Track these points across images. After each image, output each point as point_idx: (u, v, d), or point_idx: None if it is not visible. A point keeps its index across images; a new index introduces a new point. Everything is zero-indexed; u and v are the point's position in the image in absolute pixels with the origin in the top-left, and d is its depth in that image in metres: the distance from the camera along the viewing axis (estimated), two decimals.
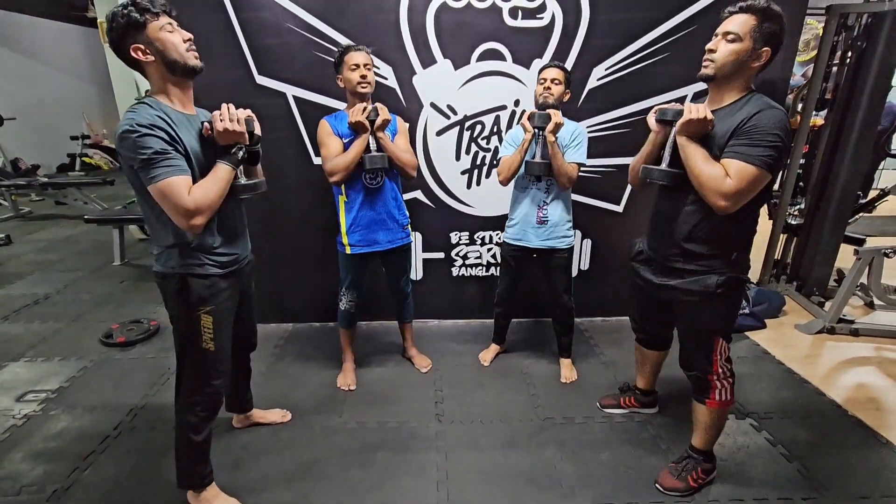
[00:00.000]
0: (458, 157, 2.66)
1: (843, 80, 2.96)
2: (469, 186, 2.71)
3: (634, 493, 1.71)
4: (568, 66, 2.49)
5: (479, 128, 2.61)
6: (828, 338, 2.81)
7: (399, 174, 2.14)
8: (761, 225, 3.13)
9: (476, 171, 2.69)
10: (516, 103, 2.56)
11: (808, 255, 3.22)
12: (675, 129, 1.47)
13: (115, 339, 2.71)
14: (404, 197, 2.59)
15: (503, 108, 2.57)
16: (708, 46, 1.44)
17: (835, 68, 3.00)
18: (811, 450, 1.92)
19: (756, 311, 2.94)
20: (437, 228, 2.79)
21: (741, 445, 1.94)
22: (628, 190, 2.73)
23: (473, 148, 2.65)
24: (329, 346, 2.60)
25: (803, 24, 2.60)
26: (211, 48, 2.40)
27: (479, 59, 2.48)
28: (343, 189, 2.08)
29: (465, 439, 1.99)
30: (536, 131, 2.04)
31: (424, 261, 2.85)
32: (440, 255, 2.85)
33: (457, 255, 2.85)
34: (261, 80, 2.45)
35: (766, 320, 2.96)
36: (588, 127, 2.61)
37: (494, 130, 2.62)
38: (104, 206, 5.25)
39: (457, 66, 2.49)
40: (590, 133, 2.61)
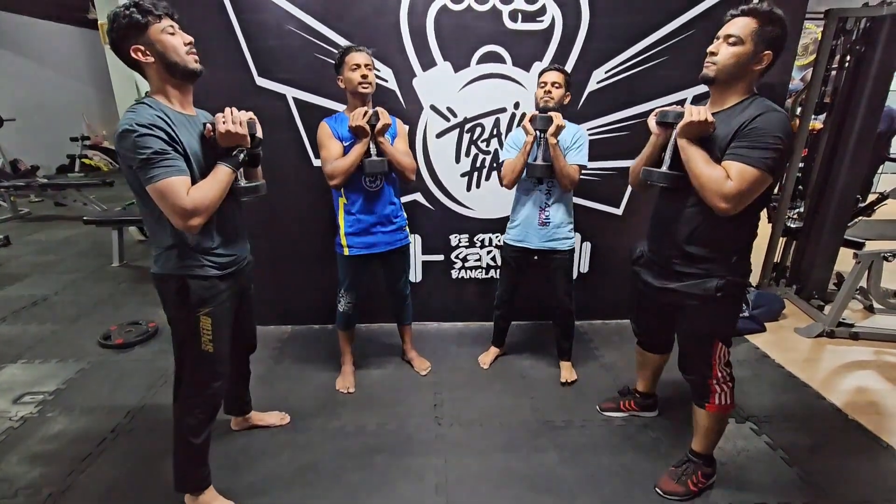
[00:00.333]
0: (457, 160, 2.66)
1: (841, 84, 2.97)
2: (469, 189, 2.71)
3: (634, 497, 1.70)
4: (567, 69, 2.49)
5: (478, 130, 2.61)
6: (827, 341, 2.81)
7: (398, 177, 2.14)
8: (761, 228, 3.12)
9: (476, 174, 2.69)
10: (516, 106, 2.57)
11: (808, 259, 3.22)
12: (675, 131, 1.47)
13: (114, 341, 2.71)
14: (404, 199, 2.61)
15: (503, 110, 2.58)
16: (709, 49, 1.44)
17: (833, 72, 3.01)
18: (811, 454, 1.92)
19: (756, 315, 2.94)
20: (437, 231, 2.78)
21: (741, 449, 1.93)
22: (628, 193, 2.73)
23: (473, 150, 2.65)
24: (328, 349, 2.59)
25: (802, 28, 2.61)
26: (211, 50, 2.40)
27: (479, 61, 2.48)
28: (343, 191, 2.08)
29: (465, 442, 1.98)
30: (538, 134, 2.05)
31: (424, 263, 2.84)
32: (440, 257, 2.84)
33: (456, 257, 2.85)
34: (261, 82, 2.45)
35: (766, 324, 2.96)
36: (587, 130, 2.61)
37: (494, 133, 2.62)
38: (103, 207, 5.25)
39: (457, 69, 2.49)
40: (589, 136, 2.61)
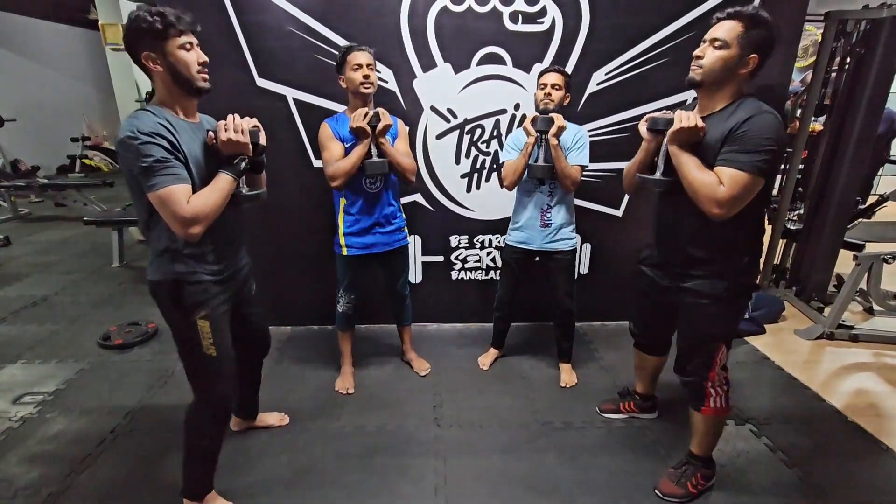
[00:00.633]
0: (457, 161, 2.66)
1: (841, 86, 2.97)
2: (469, 190, 2.71)
3: (633, 499, 1.70)
4: (568, 70, 2.49)
5: (479, 131, 2.61)
6: (827, 343, 2.81)
7: (398, 178, 2.14)
8: None
9: (476, 175, 2.69)
10: (516, 107, 2.57)
11: (808, 261, 3.22)
12: (666, 137, 1.46)
13: (113, 342, 2.70)
14: (404, 200, 2.61)
15: (503, 111, 2.58)
16: (695, 53, 1.44)
17: (833, 74, 3.01)
18: (811, 456, 1.92)
19: (755, 317, 2.94)
20: (437, 232, 2.78)
21: (741, 451, 1.93)
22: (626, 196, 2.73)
23: (473, 152, 2.65)
24: (328, 350, 2.59)
25: (802, 30, 2.61)
26: (212, 50, 2.39)
27: (480, 62, 2.49)
28: (343, 192, 2.08)
29: (464, 444, 1.98)
30: (539, 135, 2.05)
31: (424, 264, 2.84)
32: (439, 258, 2.84)
33: (456, 258, 2.85)
34: (261, 83, 2.45)
35: (766, 325, 2.96)
36: (588, 131, 2.60)
37: (494, 134, 2.62)
38: (103, 207, 5.24)
39: (457, 70, 2.49)
40: (590, 137, 2.62)
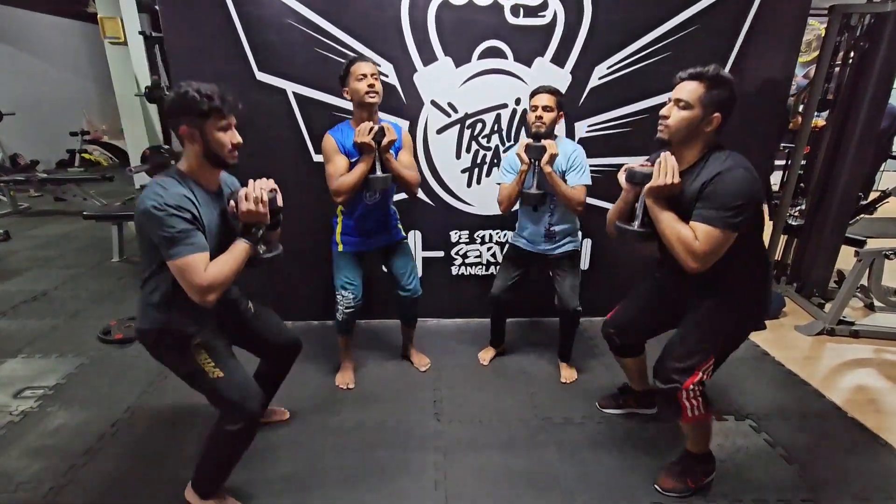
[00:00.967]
0: (458, 156, 2.65)
1: (845, 81, 2.95)
2: (469, 185, 2.70)
3: (633, 494, 1.71)
4: (569, 64, 2.49)
5: (479, 126, 2.60)
6: (828, 339, 2.80)
7: (402, 190, 2.16)
8: None
9: (476, 170, 2.68)
10: (517, 101, 2.55)
11: (809, 257, 3.22)
12: (643, 191, 1.50)
13: (113, 336, 2.70)
14: (403, 196, 2.61)
15: (504, 106, 2.56)
16: (661, 112, 1.50)
17: (837, 69, 2.99)
18: (810, 452, 1.92)
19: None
20: (437, 227, 2.78)
21: (740, 447, 1.93)
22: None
23: (474, 146, 2.64)
24: (328, 345, 2.59)
25: (806, 24, 2.59)
26: (211, 44, 2.39)
27: (481, 56, 2.47)
28: None
29: (464, 439, 1.98)
30: (532, 162, 2.04)
31: (424, 259, 2.84)
32: (440, 253, 2.84)
33: (456, 253, 2.84)
34: (261, 77, 2.44)
35: (766, 321, 2.95)
36: (589, 126, 2.60)
37: (495, 129, 2.60)
38: (103, 202, 5.23)
39: (458, 64, 2.48)
40: (591, 132, 2.62)
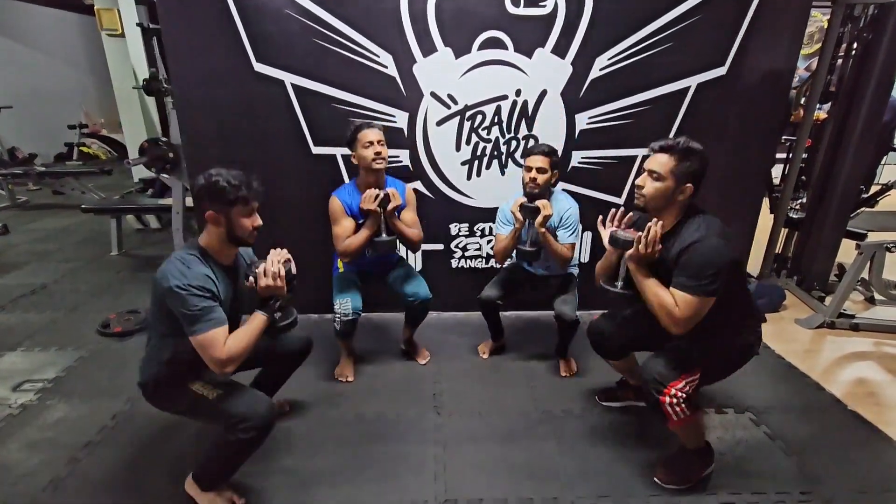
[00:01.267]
0: (458, 148, 2.63)
1: (847, 73, 2.93)
2: (469, 177, 2.69)
3: (633, 486, 1.71)
4: (570, 55, 2.47)
5: (479, 118, 2.58)
6: (828, 332, 2.80)
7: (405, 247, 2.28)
8: (762, 219, 3.10)
9: (476, 162, 2.67)
10: (517, 93, 2.53)
11: (810, 250, 3.21)
12: (625, 256, 1.57)
13: (112, 329, 2.70)
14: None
15: (504, 97, 2.54)
16: (637, 182, 1.56)
17: (840, 60, 2.97)
18: (810, 444, 1.92)
19: (757, 305, 2.93)
20: (437, 219, 2.76)
21: (740, 439, 1.94)
22: (630, 181, 2.70)
23: (474, 138, 2.62)
24: (327, 338, 2.57)
25: (809, 15, 2.56)
26: (209, 35, 2.37)
27: (481, 47, 2.45)
28: None
29: (464, 432, 1.98)
30: (527, 221, 2.08)
31: (424, 252, 2.82)
32: (439, 246, 2.83)
33: (456, 246, 2.83)
34: (259, 68, 2.42)
35: (767, 314, 2.96)
36: (590, 118, 2.59)
37: (495, 121, 2.59)
38: (102, 195, 5.22)
39: (458, 55, 2.45)
40: (592, 124, 2.61)
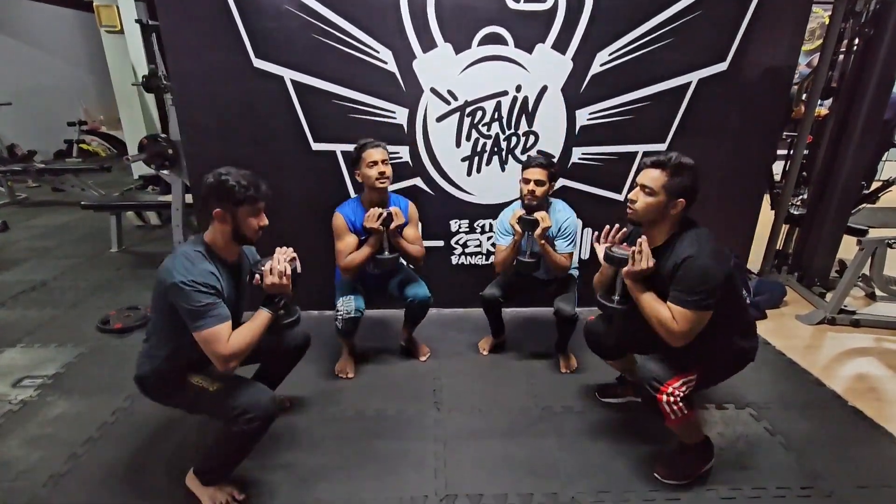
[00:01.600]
0: (458, 144, 2.62)
1: (849, 69, 2.92)
2: (469, 174, 2.68)
3: (632, 482, 1.71)
4: (571, 51, 2.46)
5: (479, 114, 2.57)
6: (828, 328, 2.80)
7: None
8: (763, 215, 3.09)
9: (476, 158, 2.66)
10: (518, 89, 2.53)
11: (810, 246, 3.20)
12: (622, 272, 1.58)
13: (112, 326, 2.70)
14: (402, 185, 2.61)
15: (504, 93, 2.53)
16: (629, 196, 1.57)
17: (841, 56, 2.96)
18: (810, 440, 1.92)
19: (757, 302, 2.93)
20: (437, 216, 2.76)
21: (740, 435, 1.94)
22: (630, 177, 2.70)
23: (474, 134, 2.61)
24: (328, 335, 2.58)
25: (810, 11, 2.55)
26: (208, 31, 2.36)
27: (481, 43, 2.44)
28: None
29: (464, 428, 1.98)
30: (525, 233, 2.09)
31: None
32: (440, 243, 2.82)
33: (456, 243, 2.83)
34: (258, 64, 2.41)
35: (767, 311, 2.95)
36: (590, 113, 2.58)
37: (495, 117, 2.58)
38: (101, 192, 5.21)
39: (458, 51, 2.45)
40: (592, 120, 2.60)
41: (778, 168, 3.29)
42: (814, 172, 3.15)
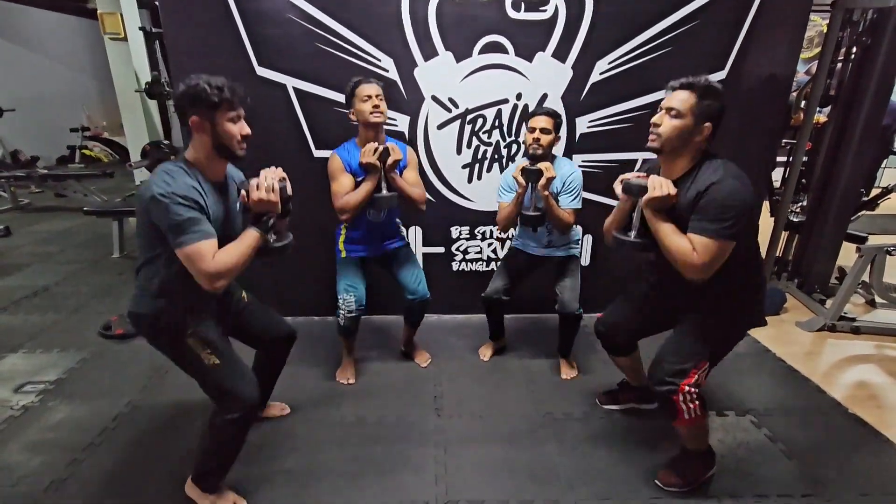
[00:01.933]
0: (459, 151, 2.64)
1: (847, 77, 2.94)
2: (470, 180, 2.70)
3: (633, 489, 1.71)
4: (570, 59, 2.48)
5: (480, 121, 2.59)
6: (829, 335, 2.80)
7: (408, 207, 2.18)
8: (763, 222, 3.10)
9: (477, 166, 2.68)
10: (518, 97, 2.55)
11: (810, 253, 3.21)
12: (640, 202, 1.51)
13: (114, 331, 2.70)
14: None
15: (505, 101, 2.56)
16: (653, 120, 1.49)
17: (839, 65, 2.98)
18: (811, 447, 1.92)
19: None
20: (438, 223, 2.77)
21: (741, 442, 1.93)
22: None
23: (475, 142, 2.63)
24: (329, 340, 2.59)
25: (808, 19, 2.58)
26: (211, 39, 2.38)
27: (481, 51, 2.46)
28: None
29: (465, 434, 1.98)
30: (529, 185, 2.06)
31: (424, 255, 2.83)
32: (440, 249, 2.83)
33: (457, 249, 2.84)
34: (261, 72, 2.43)
35: (767, 317, 2.94)
36: (590, 121, 2.60)
37: (496, 124, 2.60)
38: (104, 198, 5.23)
39: (458, 59, 2.47)
40: (592, 128, 2.61)
41: (777, 175, 3.30)
42: (813, 179, 3.17)
